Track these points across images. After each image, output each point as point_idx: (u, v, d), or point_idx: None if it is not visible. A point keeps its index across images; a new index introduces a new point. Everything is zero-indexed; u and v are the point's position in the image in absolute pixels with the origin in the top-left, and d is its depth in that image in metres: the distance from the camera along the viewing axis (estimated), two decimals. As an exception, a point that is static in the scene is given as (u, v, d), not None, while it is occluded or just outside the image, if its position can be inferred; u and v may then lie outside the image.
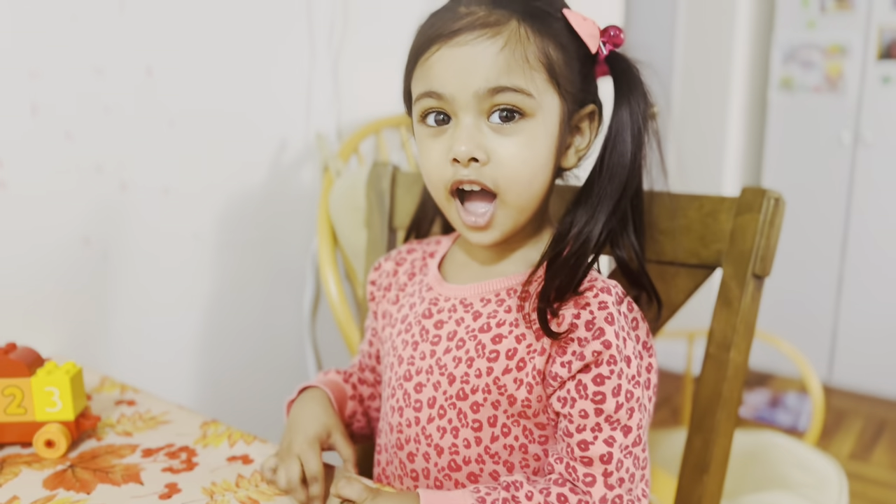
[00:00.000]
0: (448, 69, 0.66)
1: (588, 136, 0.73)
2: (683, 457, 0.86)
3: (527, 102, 0.65)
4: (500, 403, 0.70)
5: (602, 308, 0.66)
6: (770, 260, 0.82)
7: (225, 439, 0.87)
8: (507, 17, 0.65)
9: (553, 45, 0.67)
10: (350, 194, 1.33)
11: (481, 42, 0.64)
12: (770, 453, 1.44)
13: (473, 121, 0.66)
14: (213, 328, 1.37)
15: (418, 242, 0.89)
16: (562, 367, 0.66)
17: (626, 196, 0.71)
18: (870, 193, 2.92)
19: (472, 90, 0.65)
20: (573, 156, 0.73)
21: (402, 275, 0.85)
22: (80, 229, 1.15)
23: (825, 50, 2.94)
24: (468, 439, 0.72)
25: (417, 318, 0.77)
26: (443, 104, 0.67)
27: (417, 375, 0.75)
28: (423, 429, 0.74)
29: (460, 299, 0.75)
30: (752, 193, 0.81)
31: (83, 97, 1.12)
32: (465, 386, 0.71)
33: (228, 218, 1.36)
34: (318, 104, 1.49)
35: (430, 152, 0.69)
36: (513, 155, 0.66)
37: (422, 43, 0.68)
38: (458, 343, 0.73)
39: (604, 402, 0.65)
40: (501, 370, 0.69)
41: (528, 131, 0.66)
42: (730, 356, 0.82)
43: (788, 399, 2.86)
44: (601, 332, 0.65)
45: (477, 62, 0.64)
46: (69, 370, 0.83)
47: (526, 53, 0.65)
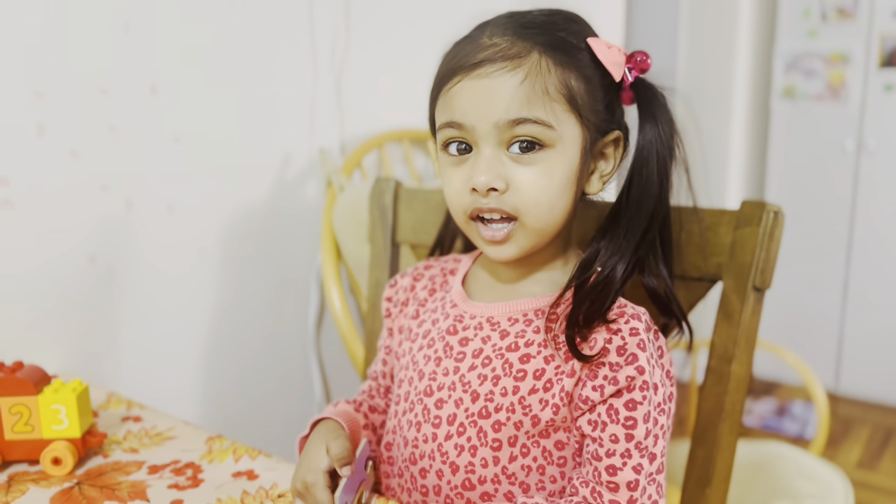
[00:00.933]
0: (469, 100, 0.67)
1: (613, 161, 0.74)
2: (686, 469, 0.86)
3: (546, 134, 0.66)
4: (522, 424, 0.70)
5: (634, 334, 0.67)
6: (770, 272, 0.82)
7: (230, 454, 0.87)
8: (529, 49, 0.66)
9: (575, 75, 0.68)
10: (353, 209, 1.34)
11: (502, 75, 0.65)
12: (776, 464, 1.44)
13: (493, 151, 0.67)
14: (218, 343, 1.38)
15: (436, 259, 0.89)
16: (593, 391, 0.67)
17: (655, 224, 0.72)
18: (874, 201, 2.92)
19: (492, 121, 0.66)
20: (597, 181, 0.74)
21: (420, 290, 0.85)
22: (86, 247, 1.16)
23: (827, 58, 2.94)
24: (486, 458, 0.71)
25: (441, 334, 0.77)
26: (464, 134, 0.68)
27: (439, 391, 0.75)
28: (439, 445, 0.74)
29: (487, 317, 0.75)
30: (752, 207, 0.81)
31: (88, 116, 1.13)
32: (489, 404, 0.71)
33: (233, 233, 1.36)
34: (322, 119, 1.50)
35: (452, 180, 0.70)
36: (531, 183, 0.67)
37: (445, 73, 0.69)
38: (483, 361, 0.73)
39: (635, 427, 0.65)
40: (528, 390, 0.69)
41: (548, 161, 0.67)
42: (731, 369, 0.82)
43: (795, 407, 2.85)
44: (634, 357, 0.66)
45: (497, 94, 0.65)
46: (75, 388, 0.84)
47: (546, 85, 0.66)
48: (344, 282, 1.47)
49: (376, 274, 1.09)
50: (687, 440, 1.50)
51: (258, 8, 1.36)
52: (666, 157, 0.71)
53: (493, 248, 0.71)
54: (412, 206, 1.07)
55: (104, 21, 1.13)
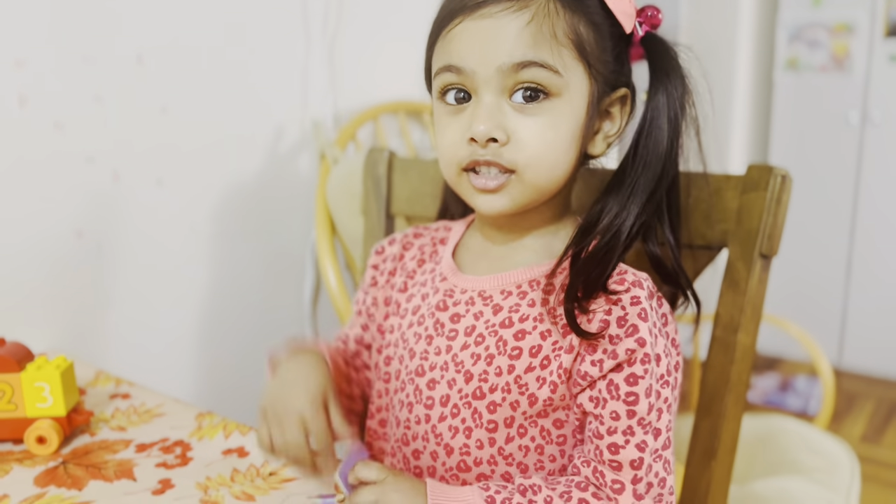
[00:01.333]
0: (470, 42, 0.62)
1: (619, 121, 0.69)
2: (691, 443, 0.84)
3: (553, 80, 0.62)
4: (518, 404, 0.66)
5: (634, 303, 0.63)
6: (777, 239, 0.79)
7: (220, 431, 0.85)
8: None
9: (584, 21, 0.63)
10: (347, 182, 1.31)
11: (507, 15, 0.61)
12: (780, 438, 1.42)
13: (494, 99, 0.63)
14: (210, 320, 1.35)
15: (425, 227, 0.84)
16: (592, 366, 0.63)
17: (662, 187, 0.68)
18: (878, 173, 2.88)
19: (495, 64, 0.61)
20: (601, 142, 0.69)
21: (409, 260, 0.81)
22: (73, 221, 1.13)
23: (831, 29, 2.89)
24: (481, 440, 0.68)
25: (431, 311, 0.73)
26: (463, 79, 0.64)
27: (431, 371, 0.71)
28: (433, 427, 0.70)
29: (478, 291, 0.71)
30: (759, 171, 0.78)
31: (72, 86, 1.10)
32: (483, 384, 0.68)
33: (224, 208, 1.34)
34: (315, 91, 1.47)
35: (447, 130, 0.66)
36: (534, 136, 0.63)
37: (444, 15, 0.65)
38: (476, 339, 0.69)
39: (636, 403, 0.62)
40: (524, 368, 0.66)
41: (553, 112, 0.63)
42: (737, 339, 0.80)
43: (798, 383, 2.83)
44: (634, 329, 0.62)
45: (501, 35, 0.61)
46: (60, 365, 0.81)
47: (554, 28, 0.61)
48: (340, 257, 1.44)
49: (370, 247, 1.06)
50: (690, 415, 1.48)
51: (247, -25, 1.32)
52: (678, 116, 0.67)
53: (485, 198, 0.65)
54: (407, 176, 1.04)
55: (86, -13, 1.10)
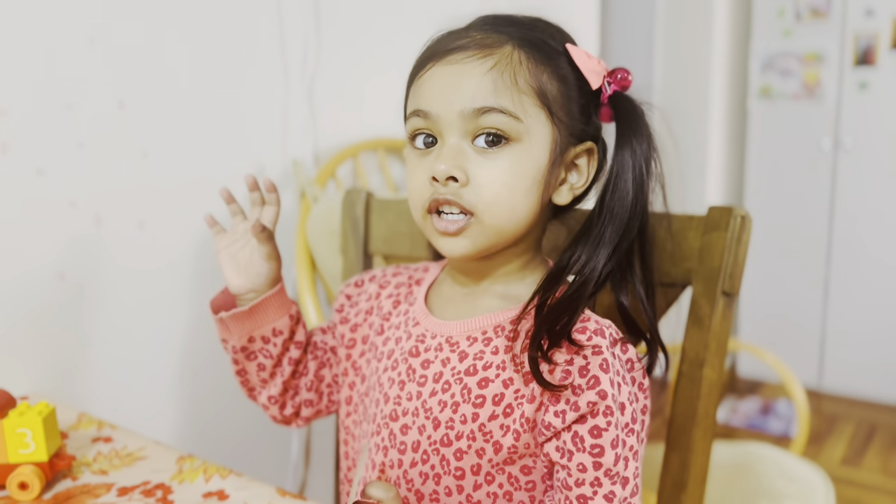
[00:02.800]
0: (436, 87, 0.66)
1: (586, 173, 0.71)
2: (661, 475, 0.86)
3: (513, 125, 0.64)
4: (484, 451, 0.67)
5: (596, 353, 0.63)
6: (739, 277, 0.82)
7: (200, 474, 0.86)
8: (504, 41, 0.66)
9: (549, 75, 0.66)
10: (327, 220, 1.33)
11: (471, 61, 0.65)
12: (756, 465, 1.44)
13: (457, 142, 0.65)
14: (191, 360, 1.36)
15: (405, 267, 0.86)
16: (555, 417, 0.64)
17: (627, 238, 0.69)
18: (851, 198, 2.94)
19: (457, 109, 0.64)
20: (567, 192, 0.71)
21: (384, 299, 0.82)
22: (55, 264, 1.14)
23: (802, 58, 2.97)
24: (450, 487, 0.69)
25: (404, 356, 0.75)
26: (429, 124, 0.67)
27: (403, 417, 0.73)
28: (405, 472, 0.72)
29: (446, 337, 0.72)
30: (719, 212, 0.81)
31: (54, 133, 1.12)
32: (450, 432, 0.69)
33: (205, 247, 1.35)
34: (294, 130, 1.49)
35: (414, 173, 0.69)
36: (493, 179, 0.65)
37: (419, 63, 0.69)
38: (443, 386, 0.70)
39: (602, 455, 0.63)
40: (487, 416, 0.67)
41: (513, 156, 0.65)
42: (703, 373, 0.82)
43: (779, 406, 2.86)
44: (596, 381, 0.62)
45: (464, 80, 0.64)
46: (41, 411, 0.82)
47: (516, 76, 0.64)
48: (320, 293, 1.46)
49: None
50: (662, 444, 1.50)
51: (226, 18, 1.35)
52: (643, 173, 0.69)
53: (446, 241, 0.67)
54: (384, 216, 1.07)
55: (68, 36, 1.12)
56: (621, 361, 0.66)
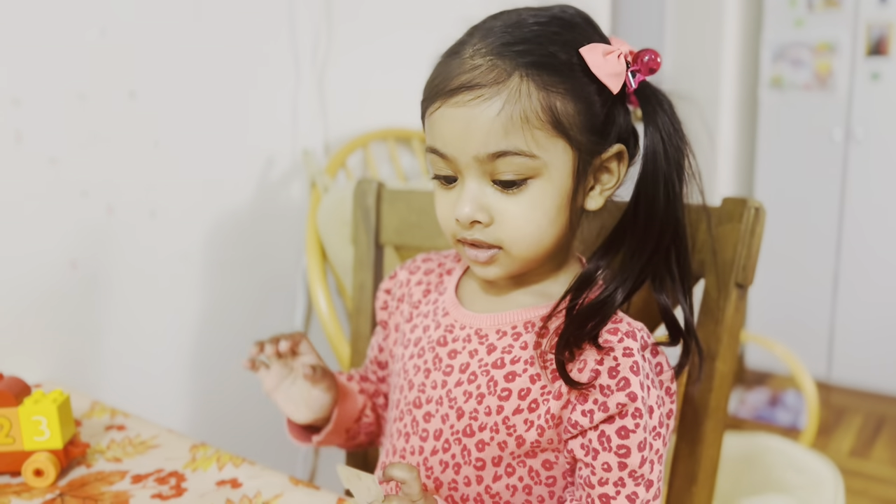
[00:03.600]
0: (448, 130, 0.64)
1: (617, 174, 0.69)
2: (672, 467, 0.86)
3: (529, 165, 0.63)
4: (506, 444, 0.68)
5: (627, 355, 0.63)
6: (752, 269, 0.81)
7: (214, 462, 0.87)
8: (511, 70, 0.62)
9: (562, 97, 0.63)
10: (338, 210, 1.33)
11: (479, 104, 0.62)
12: (765, 457, 1.44)
13: (477, 183, 0.65)
14: (203, 347, 1.37)
15: (436, 253, 0.87)
16: (583, 416, 0.64)
17: (663, 243, 0.68)
18: (862, 189, 2.92)
19: (471, 154, 0.63)
20: (598, 197, 0.70)
21: (414, 287, 0.83)
22: (67, 253, 1.15)
23: (814, 48, 2.94)
24: (469, 477, 0.69)
25: (431, 344, 0.75)
26: (447, 164, 0.66)
27: (427, 404, 0.73)
28: (425, 460, 0.72)
29: (476, 329, 0.72)
30: (733, 203, 0.81)
31: (67, 123, 1.12)
32: (473, 422, 0.69)
33: (216, 237, 1.36)
34: (305, 120, 1.49)
35: (440, 201, 0.69)
36: (517, 216, 0.64)
37: (428, 94, 0.67)
38: (469, 377, 0.70)
39: (628, 455, 0.63)
40: (512, 410, 0.67)
41: (535, 191, 0.64)
42: (715, 366, 0.82)
43: (788, 397, 2.85)
44: (626, 382, 0.62)
45: (473, 126, 0.62)
46: (56, 399, 0.83)
47: (526, 113, 0.62)
48: (330, 283, 1.46)
49: (360, 276, 1.09)
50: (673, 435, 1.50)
51: (237, 8, 1.34)
52: (672, 170, 0.67)
53: (479, 269, 0.69)
54: (395, 207, 1.07)
55: (80, 27, 1.12)
56: (651, 365, 0.66)
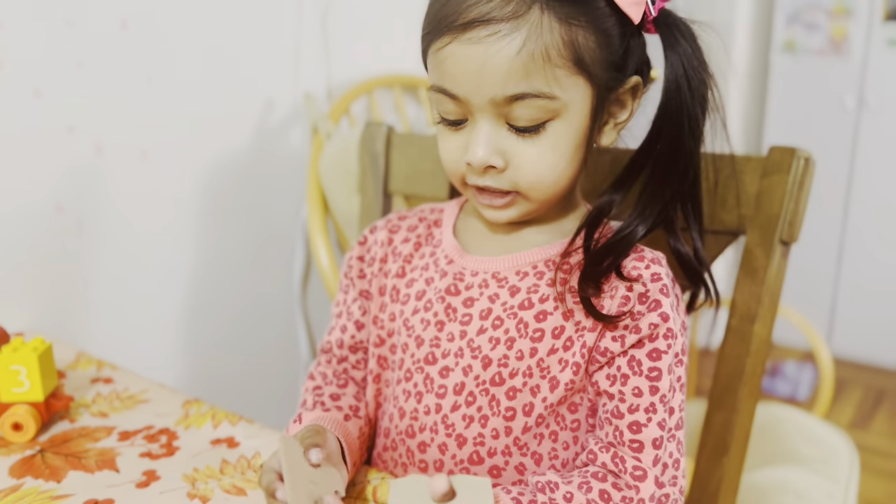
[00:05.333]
0: (461, 69, 0.59)
1: (630, 106, 0.66)
2: (702, 437, 0.80)
3: (550, 106, 0.59)
4: (539, 389, 0.64)
5: (655, 280, 0.62)
6: (798, 225, 0.76)
7: (208, 419, 0.81)
8: (529, 3, 0.57)
9: (584, 29, 0.58)
10: (341, 158, 1.26)
11: (497, 41, 0.57)
12: (778, 427, 1.40)
13: (491, 125, 0.61)
14: (196, 300, 1.31)
15: (408, 211, 0.81)
16: (613, 342, 0.62)
17: (684, 181, 0.66)
18: (872, 158, 2.86)
19: (488, 96, 0.59)
20: (611, 132, 0.66)
21: (399, 244, 0.77)
22: (52, 196, 1.09)
23: (830, 11, 2.86)
24: (497, 429, 0.65)
25: (440, 295, 0.70)
26: (458, 106, 0.61)
27: (444, 359, 0.68)
28: (444, 417, 0.67)
29: (492, 273, 0.68)
30: (781, 153, 0.75)
31: (52, 51, 1.06)
32: (503, 370, 0.65)
33: (212, 183, 1.29)
34: (307, 61, 1.42)
35: (447, 142, 0.65)
36: (535, 160, 0.61)
37: (433, 26, 0.60)
38: (494, 322, 0.66)
39: (659, 378, 0.61)
40: (547, 350, 0.64)
41: (553, 133, 0.61)
42: (754, 329, 0.77)
43: (787, 368, 2.82)
44: (657, 304, 0.61)
45: (491, 65, 0.57)
46: (37, 347, 0.77)
47: (548, 50, 0.57)
48: (331, 235, 1.39)
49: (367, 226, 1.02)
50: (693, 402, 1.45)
51: (238, -62, 1.26)
52: (695, 102, 0.64)
53: (492, 213, 0.66)
54: (406, 153, 1.00)
55: (67, -54, 1.04)
56: (674, 291, 0.64)
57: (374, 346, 0.76)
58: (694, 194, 0.69)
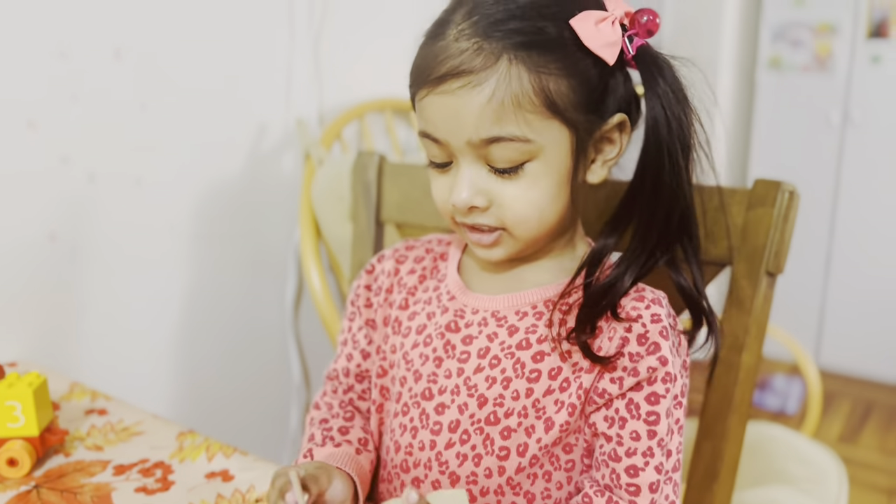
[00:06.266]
0: (438, 116, 0.61)
1: (619, 143, 0.66)
2: (691, 464, 0.82)
3: (524, 149, 0.60)
4: (534, 429, 0.65)
5: (655, 321, 0.62)
6: (784, 256, 0.77)
7: (203, 452, 0.81)
8: (498, 53, 0.58)
9: (556, 76, 0.59)
10: (334, 184, 1.27)
11: (468, 92, 0.59)
12: (768, 446, 1.41)
13: (472, 167, 0.62)
14: (189, 326, 1.31)
15: (416, 240, 0.81)
16: (611, 384, 0.62)
17: (673, 220, 0.65)
18: (858, 174, 2.89)
19: (463, 139, 0.61)
20: (600, 169, 0.67)
21: (405, 275, 0.77)
22: (46, 225, 1.09)
23: (814, 29, 2.89)
24: (490, 468, 0.66)
25: (440, 331, 0.70)
26: (441, 148, 0.63)
27: (440, 395, 0.69)
28: (438, 454, 0.68)
29: (492, 311, 0.69)
30: (766, 186, 0.76)
31: (47, 82, 1.06)
32: (499, 409, 0.65)
33: (205, 209, 1.29)
34: (299, 87, 1.43)
35: (436, 183, 0.66)
36: (516, 199, 0.62)
37: (414, 80, 0.64)
38: (491, 361, 0.67)
39: (657, 423, 0.61)
40: (543, 391, 0.64)
41: (532, 173, 0.62)
42: (741, 359, 0.78)
43: (776, 382, 2.84)
44: (656, 347, 0.61)
45: (463, 112, 0.59)
46: (32, 382, 0.77)
47: (518, 98, 0.58)
48: (323, 259, 1.40)
49: (359, 255, 1.03)
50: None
51: (230, -33, 1.27)
52: (674, 141, 0.63)
53: (482, 251, 0.67)
54: (398, 182, 1.01)
55: (61, -22, 1.05)
56: (675, 334, 0.64)
57: (377, 377, 0.76)
58: (687, 229, 0.68)
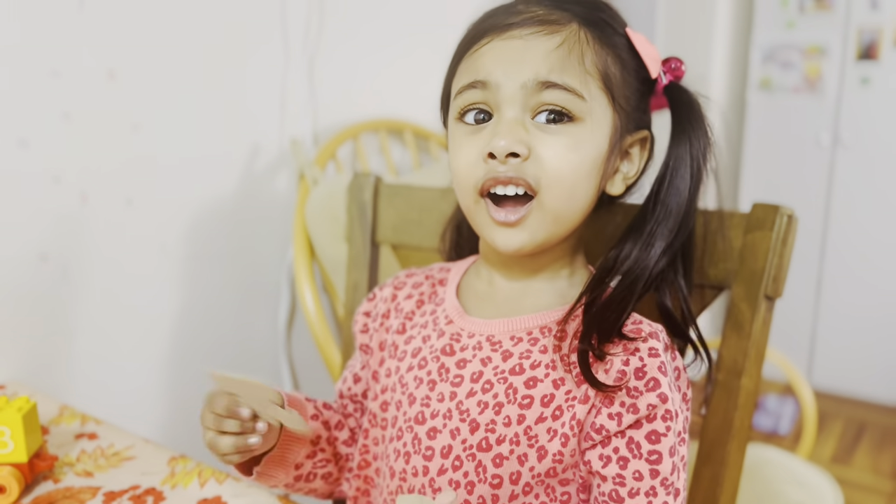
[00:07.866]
0: (497, 59, 0.62)
1: (637, 163, 0.69)
2: (691, 491, 0.81)
3: (577, 105, 0.61)
4: (527, 458, 0.63)
5: (653, 355, 0.61)
6: (782, 280, 0.77)
7: (195, 478, 0.80)
8: (569, 18, 0.62)
9: (612, 56, 0.63)
10: (328, 204, 1.26)
11: (537, 37, 0.61)
12: (764, 469, 1.40)
13: (517, 115, 0.61)
14: (181, 347, 1.29)
15: (417, 268, 0.81)
16: (609, 420, 0.60)
17: (681, 236, 0.67)
18: (848, 195, 2.91)
19: (519, 81, 0.61)
20: (620, 182, 0.68)
21: (403, 300, 0.77)
22: (37, 245, 1.07)
23: (804, 50, 2.92)
24: (483, 496, 0.64)
25: (435, 354, 0.70)
26: (486, 96, 0.62)
27: (433, 419, 0.67)
28: (430, 480, 0.66)
29: (487, 336, 0.68)
30: (764, 209, 0.76)
31: (38, 101, 1.05)
32: (490, 435, 0.64)
33: (198, 229, 1.28)
34: (293, 107, 1.42)
35: (464, 150, 0.64)
36: (557, 155, 0.61)
37: (472, 36, 0.65)
38: (484, 386, 0.66)
39: (660, 462, 0.60)
40: (535, 419, 0.63)
41: (576, 135, 0.62)
42: (741, 383, 0.77)
43: (769, 402, 2.83)
44: (655, 383, 0.60)
45: (529, 54, 0.61)
46: (21, 407, 0.75)
47: (583, 55, 0.61)
48: (317, 280, 1.39)
49: (354, 276, 1.02)
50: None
51: (225, -13, 1.27)
52: (700, 168, 0.67)
53: (503, 233, 0.63)
54: (393, 203, 1.00)
55: (55, -2, 1.04)
56: (672, 368, 0.63)
57: (371, 401, 0.76)
58: (687, 252, 0.70)
